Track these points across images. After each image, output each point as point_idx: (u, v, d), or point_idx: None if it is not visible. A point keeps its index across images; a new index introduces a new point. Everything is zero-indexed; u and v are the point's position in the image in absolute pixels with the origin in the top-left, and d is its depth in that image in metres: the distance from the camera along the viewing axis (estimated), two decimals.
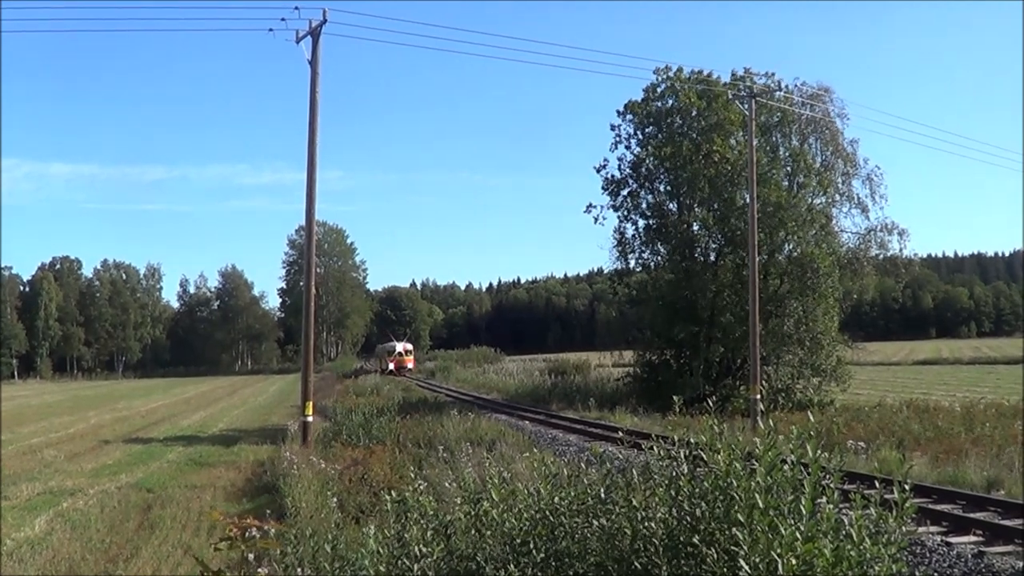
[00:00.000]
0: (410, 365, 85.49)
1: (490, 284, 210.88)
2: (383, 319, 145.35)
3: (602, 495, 5.37)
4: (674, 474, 5.11)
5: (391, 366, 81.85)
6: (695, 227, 36.31)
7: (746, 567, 4.19)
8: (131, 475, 21.13)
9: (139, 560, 12.70)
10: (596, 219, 38.17)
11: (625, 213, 37.92)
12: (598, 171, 38.41)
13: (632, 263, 38.76)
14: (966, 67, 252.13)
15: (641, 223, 37.86)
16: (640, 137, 37.65)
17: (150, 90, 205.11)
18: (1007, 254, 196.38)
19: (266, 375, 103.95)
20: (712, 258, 36.56)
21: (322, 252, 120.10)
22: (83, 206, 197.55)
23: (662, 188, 37.71)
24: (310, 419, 23.38)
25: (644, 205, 37.62)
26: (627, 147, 37.96)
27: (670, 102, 36.79)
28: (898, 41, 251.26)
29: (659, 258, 37.89)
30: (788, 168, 35.21)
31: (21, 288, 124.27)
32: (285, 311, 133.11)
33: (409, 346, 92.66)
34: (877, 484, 4.65)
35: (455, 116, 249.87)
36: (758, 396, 28.18)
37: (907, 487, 4.28)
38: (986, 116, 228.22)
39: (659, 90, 36.84)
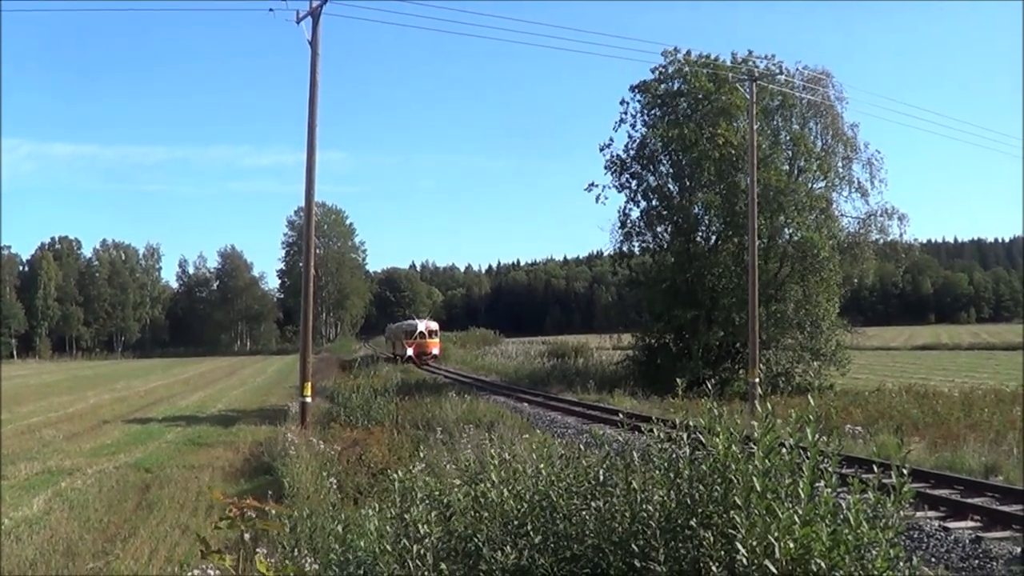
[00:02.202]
0: (435, 351, 64.40)
1: (489, 266, 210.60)
2: (382, 301, 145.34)
3: (600, 477, 5.35)
4: (673, 457, 5.10)
5: (409, 352, 62.32)
6: (696, 210, 36.21)
7: (743, 550, 4.18)
8: (129, 455, 21.18)
9: (137, 539, 12.74)
10: (598, 198, 38.12)
11: (630, 194, 37.90)
12: (602, 150, 38.35)
13: (635, 245, 38.76)
14: (966, 52, 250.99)
15: (643, 204, 37.85)
16: (646, 118, 37.52)
17: (152, 71, 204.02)
18: (1007, 240, 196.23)
19: (265, 356, 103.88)
20: (713, 242, 36.49)
21: (321, 233, 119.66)
22: (84, 186, 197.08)
23: (664, 170, 37.59)
24: (309, 400, 23.46)
25: (647, 187, 37.54)
26: (632, 126, 37.91)
27: (676, 84, 36.62)
28: (898, 25, 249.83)
29: (661, 240, 37.85)
30: (789, 152, 35.14)
31: (20, 268, 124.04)
32: (284, 292, 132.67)
33: (434, 325, 69.87)
34: (875, 468, 4.60)
35: (457, 99, 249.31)
36: (756, 380, 28.25)
37: (905, 472, 4.26)
38: (987, 101, 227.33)
39: (667, 72, 36.66)
